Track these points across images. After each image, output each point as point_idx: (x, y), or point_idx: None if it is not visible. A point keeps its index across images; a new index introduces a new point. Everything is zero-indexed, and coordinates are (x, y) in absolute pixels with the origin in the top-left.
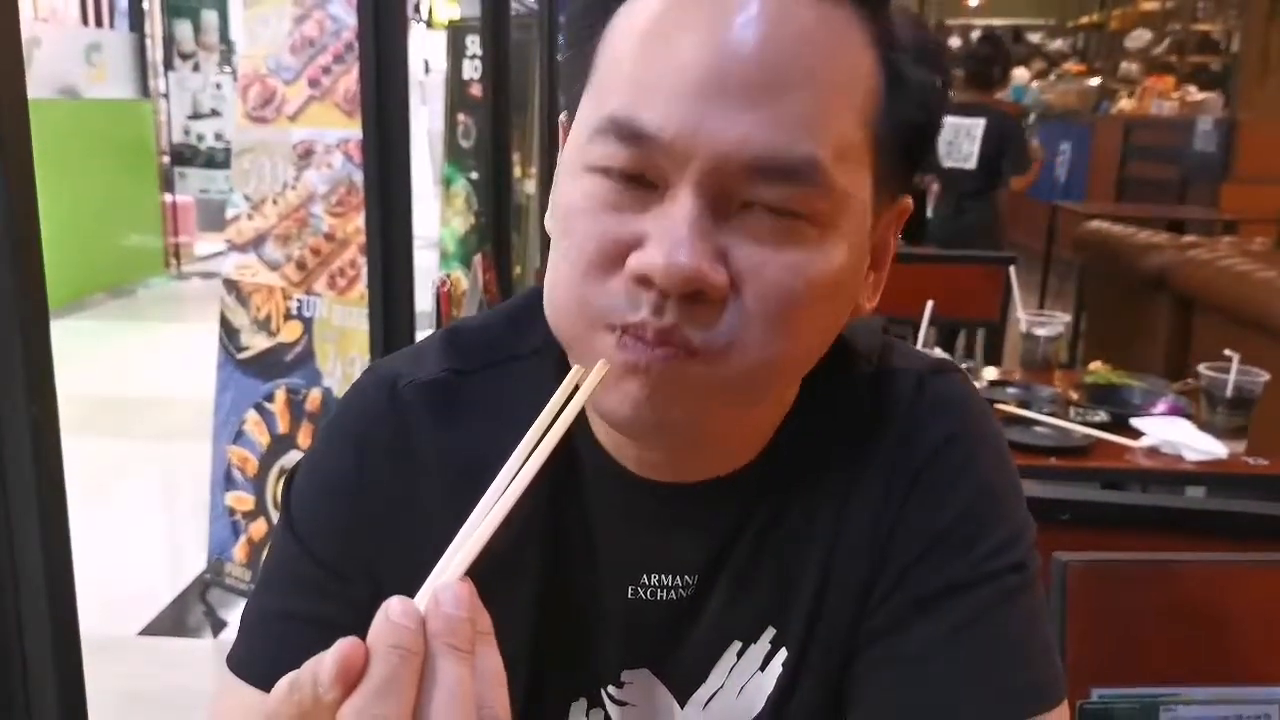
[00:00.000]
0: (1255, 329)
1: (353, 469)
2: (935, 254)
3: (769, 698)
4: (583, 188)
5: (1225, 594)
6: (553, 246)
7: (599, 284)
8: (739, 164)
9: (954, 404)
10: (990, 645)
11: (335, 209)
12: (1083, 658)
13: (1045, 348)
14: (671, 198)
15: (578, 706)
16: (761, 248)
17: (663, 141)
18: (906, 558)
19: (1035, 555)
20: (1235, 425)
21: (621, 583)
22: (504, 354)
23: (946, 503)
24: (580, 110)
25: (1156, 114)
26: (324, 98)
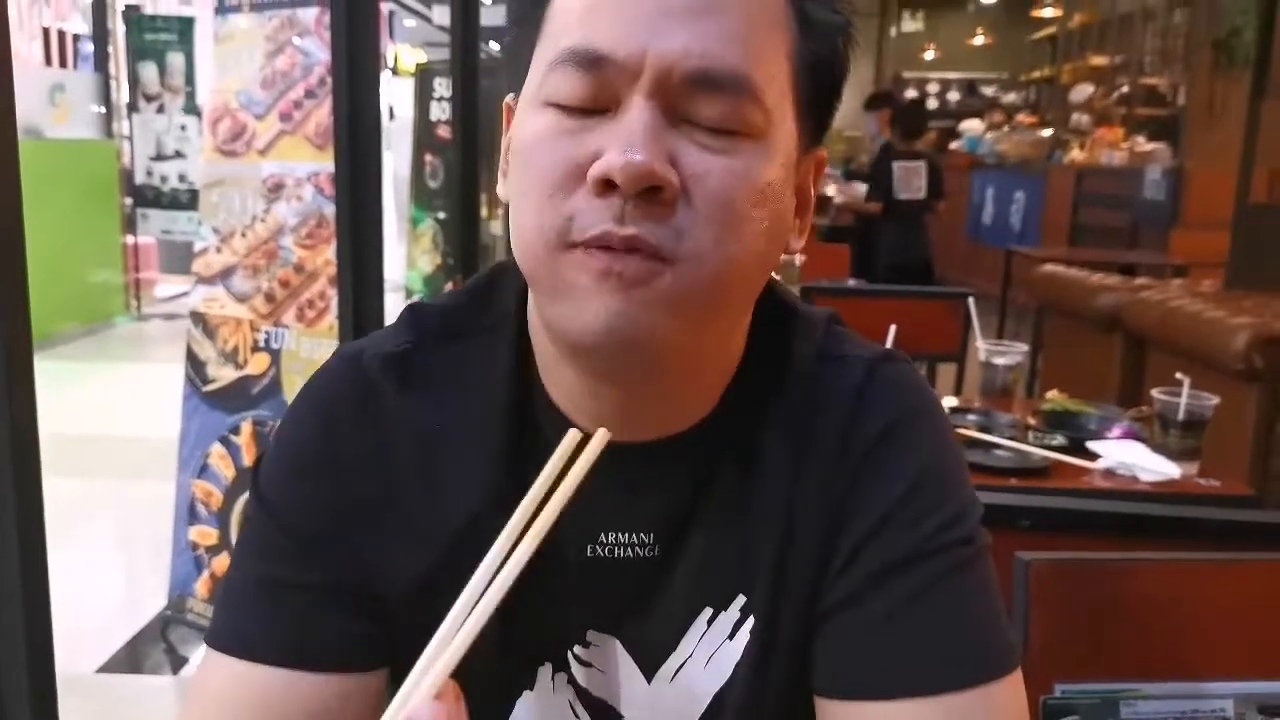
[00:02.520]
0: (1205, 366)
1: (320, 438)
2: (897, 289)
3: (737, 667)
4: (542, 120)
5: (1182, 592)
6: (512, 189)
7: (561, 205)
8: (681, 75)
9: (902, 389)
10: (942, 616)
11: (305, 241)
12: (1045, 654)
13: (1004, 376)
14: (624, 110)
15: (544, 670)
16: (705, 154)
17: (616, 60)
18: (859, 534)
19: (983, 531)
20: (1188, 447)
21: (581, 541)
22: (463, 328)
23: (896, 481)
24: (533, 65)
25: (1107, 163)
26: (295, 131)
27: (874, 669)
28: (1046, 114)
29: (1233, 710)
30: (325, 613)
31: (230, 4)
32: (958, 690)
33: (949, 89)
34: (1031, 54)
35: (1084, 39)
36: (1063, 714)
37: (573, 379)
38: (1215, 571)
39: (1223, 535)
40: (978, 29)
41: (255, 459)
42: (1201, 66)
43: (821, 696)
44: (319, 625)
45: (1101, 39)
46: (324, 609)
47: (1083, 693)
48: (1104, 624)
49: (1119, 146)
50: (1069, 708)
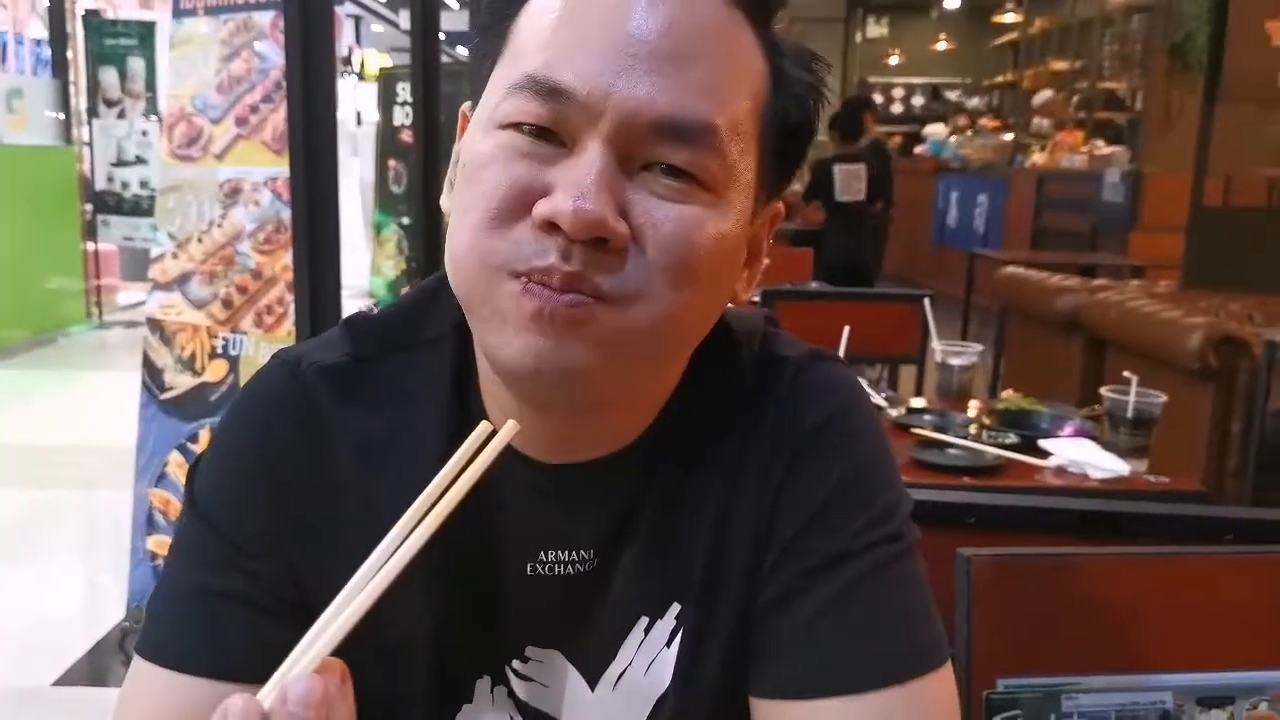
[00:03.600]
0: (1162, 365)
1: (258, 445)
2: (856, 291)
3: (674, 673)
4: (495, 142)
5: (1122, 586)
6: (455, 204)
7: (504, 232)
8: (645, 122)
9: (832, 388)
10: (870, 613)
11: (263, 246)
12: (988, 649)
13: (959, 377)
14: (581, 151)
15: (482, 684)
16: (660, 203)
17: (578, 97)
18: (790, 532)
19: (912, 527)
20: (1137, 445)
21: (521, 560)
22: (403, 341)
23: (826, 479)
24: (492, 83)
25: (1068, 167)
26: (251, 136)
27: (803, 668)
28: (1009, 118)
29: (1172, 702)
30: (259, 624)
31: (185, 7)
32: (886, 687)
33: (913, 94)
34: (994, 59)
35: (1045, 44)
36: (1005, 708)
37: (510, 398)
38: (1155, 565)
39: (1164, 530)
40: (941, 35)
41: (190, 465)
42: (1158, 72)
43: (755, 697)
44: (252, 636)
45: (1062, 44)
46: (258, 620)
47: (1025, 687)
48: (1045, 619)
49: (1079, 150)
50: (1011, 702)
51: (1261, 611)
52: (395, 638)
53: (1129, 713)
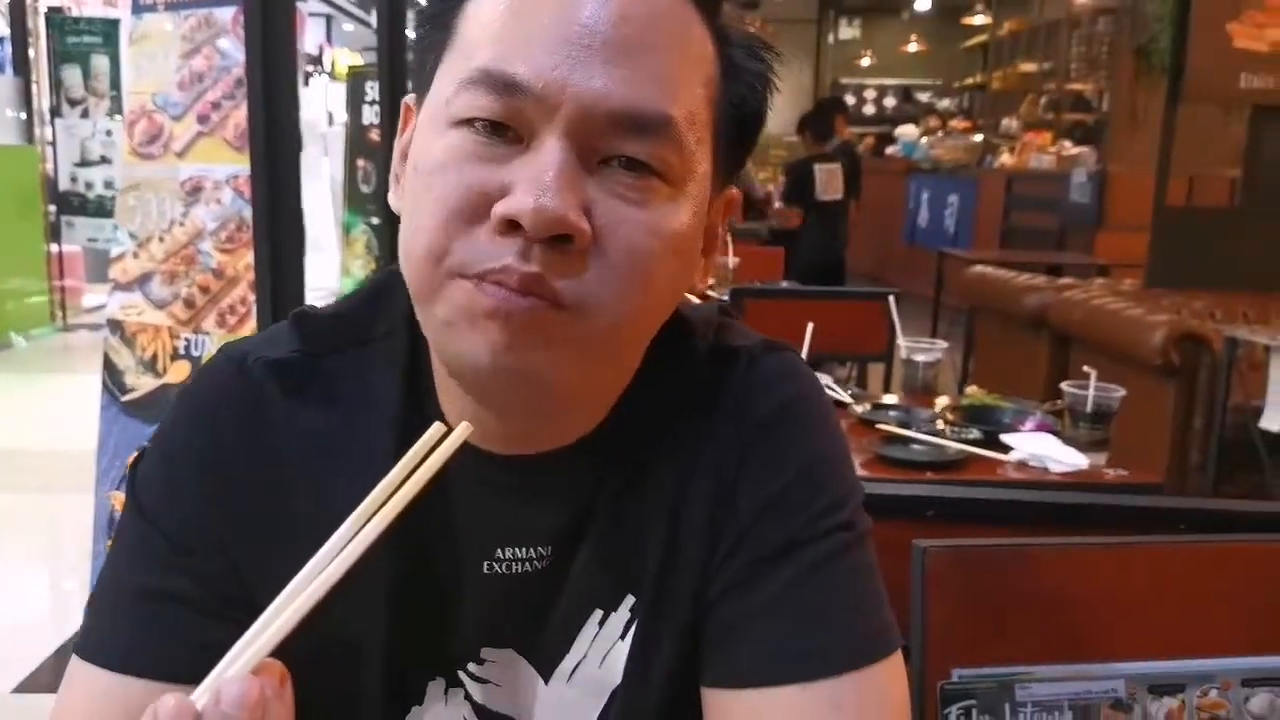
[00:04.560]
0: (1125, 362)
1: (202, 441)
2: (824, 290)
3: (628, 664)
4: (448, 142)
5: (1076, 576)
6: (408, 205)
7: (461, 235)
8: (603, 114)
9: (786, 378)
10: (821, 601)
11: (225, 245)
12: (943, 640)
13: (925, 373)
14: (538, 147)
15: (435, 686)
16: (621, 204)
17: (533, 91)
18: (743, 522)
19: (864, 516)
20: (1096, 439)
21: (478, 558)
22: (352, 338)
23: (779, 468)
24: (440, 77)
25: (1036, 167)
26: (213, 133)
27: (754, 657)
28: (979, 119)
29: (1124, 690)
30: (202, 624)
31: (145, 3)
32: (838, 674)
33: (885, 95)
34: (964, 61)
35: (1013, 46)
36: (960, 698)
37: (464, 396)
38: (1108, 555)
39: (1118, 521)
40: (912, 36)
41: (132, 461)
42: (1124, 73)
43: (707, 687)
44: (194, 637)
45: (1030, 46)
46: (200, 620)
47: (979, 677)
48: (1000, 609)
49: (1047, 151)
50: (966, 692)
51: (1212, 600)
52: (344, 638)
53: (1082, 701)
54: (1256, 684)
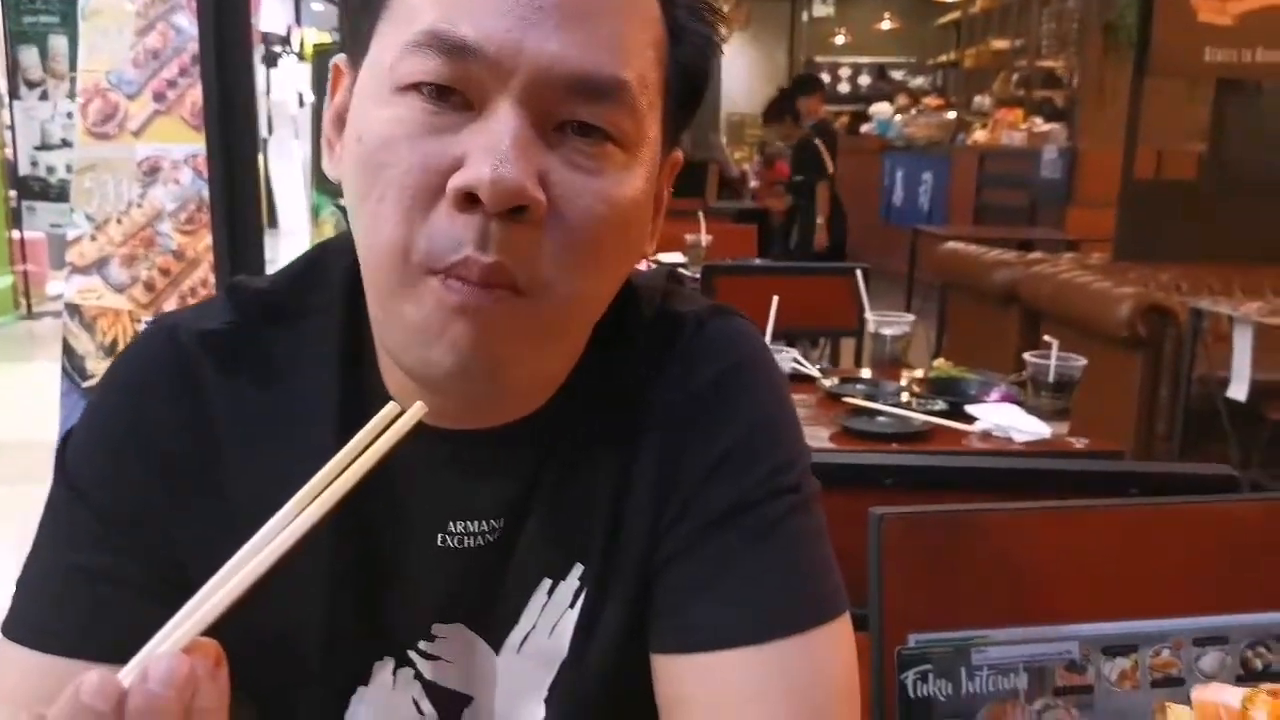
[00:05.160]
0: (1094, 335)
1: (132, 414)
2: (794, 266)
3: (576, 633)
4: (395, 113)
5: (1029, 540)
6: (361, 185)
7: (421, 220)
8: (558, 79)
9: (732, 341)
10: (769, 562)
11: (185, 226)
12: (899, 606)
13: (892, 346)
14: (491, 114)
15: (382, 666)
16: (576, 174)
17: (486, 55)
18: (690, 486)
19: (811, 480)
20: (1058, 408)
21: (429, 533)
22: (289, 311)
23: (725, 431)
24: (379, 40)
25: (1008, 144)
26: (170, 111)
27: (701, 621)
28: (951, 97)
29: (1078, 652)
30: (135, 603)
31: None
32: (783, 637)
33: (860, 73)
34: (937, 38)
35: (986, 24)
36: (916, 663)
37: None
38: (1060, 519)
39: (1073, 486)
40: (885, 14)
41: (62, 437)
42: (1093, 49)
43: (655, 653)
44: (125, 615)
45: (1002, 24)
46: (131, 598)
47: (935, 642)
48: (956, 574)
49: (1018, 128)
50: (923, 657)
51: (1163, 561)
52: (285, 619)
53: (1037, 663)
54: (1207, 643)
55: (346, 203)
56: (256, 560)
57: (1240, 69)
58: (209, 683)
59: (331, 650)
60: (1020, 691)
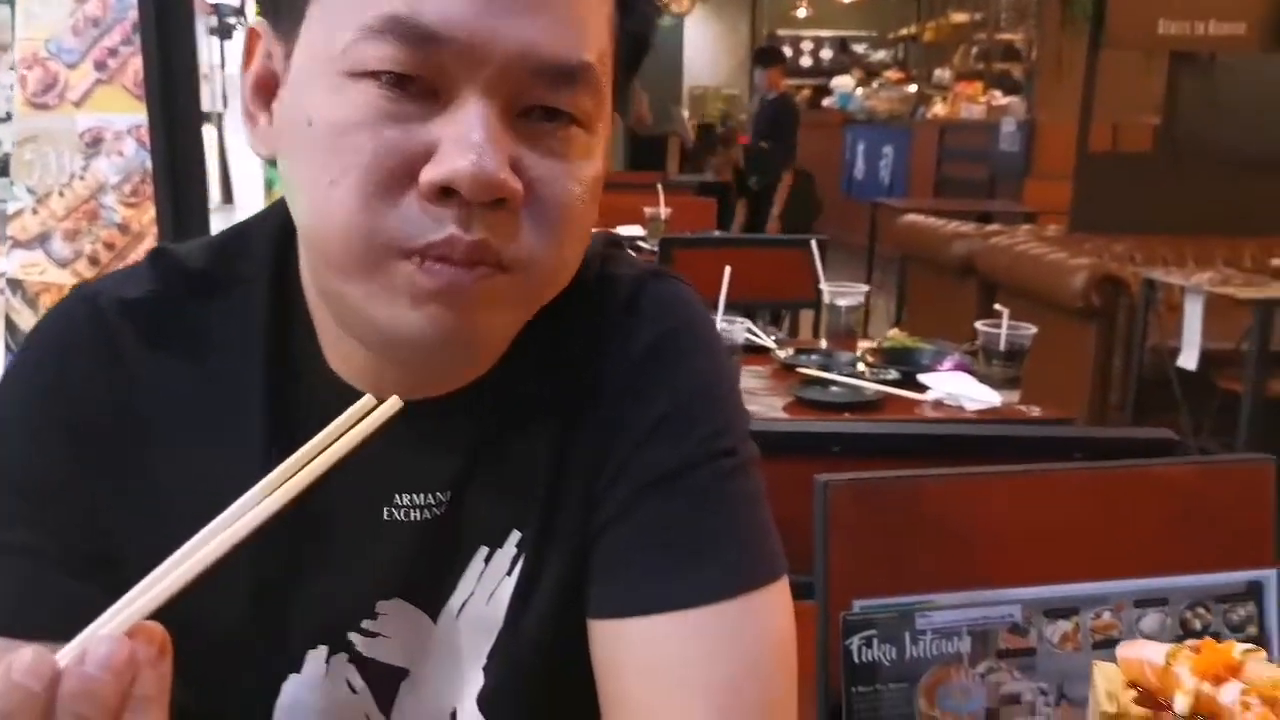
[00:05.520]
0: (1049, 305)
1: (51, 384)
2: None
3: (514, 600)
4: (349, 99)
5: (973, 505)
6: (311, 168)
7: (388, 206)
8: (530, 66)
9: (671, 304)
10: (705, 526)
11: (129, 199)
12: (844, 572)
13: (847, 317)
14: (461, 104)
15: (315, 654)
16: (546, 158)
17: (453, 43)
18: (627, 450)
19: (750, 445)
20: (1009, 376)
21: (375, 506)
22: (212, 282)
23: (662, 395)
24: (321, 15)
25: (967, 117)
26: (112, 81)
27: (636, 585)
28: (912, 70)
29: (1021, 615)
30: (57, 579)
31: None
32: (717, 601)
33: (821, 47)
34: (898, 11)
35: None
36: (861, 629)
37: (356, 348)
38: (1003, 483)
39: (1017, 452)
40: None
41: None
42: (1050, 22)
43: (591, 619)
44: (49, 593)
45: None
46: (55, 575)
47: (880, 607)
48: (901, 540)
49: (977, 101)
50: (868, 622)
51: (1104, 524)
52: (219, 608)
53: (980, 627)
54: (1147, 605)
55: (287, 182)
56: (209, 548)
57: (1193, 41)
58: (149, 669)
59: (265, 640)
60: (964, 655)
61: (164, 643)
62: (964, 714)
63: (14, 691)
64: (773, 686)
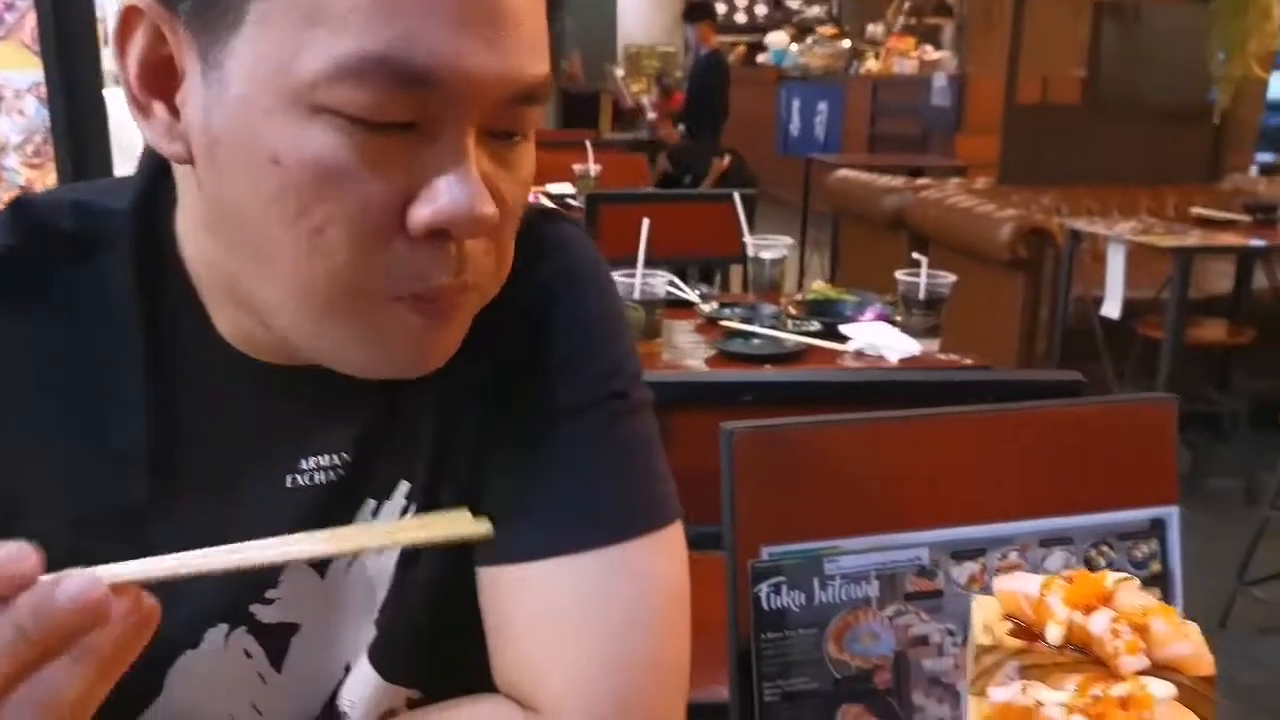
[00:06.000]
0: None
1: None
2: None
3: (400, 551)
4: (324, 137)
5: (879, 450)
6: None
7: (378, 251)
8: (509, 94)
9: (560, 245)
10: (593, 470)
11: (32, 160)
12: (752, 520)
13: (771, 270)
14: (447, 140)
15: (215, 631)
16: (507, 174)
17: (446, 84)
18: (516, 391)
19: (643, 389)
20: (929, 325)
21: (281, 473)
22: (76, 242)
23: (549, 337)
24: (268, 26)
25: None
26: (9, 36)
27: (522, 530)
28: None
29: (928, 557)
30: None
31: None
32: (605, 545)
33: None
34: None
35: None
36: (770, 575)
37: (256, 323)
38: (908, 427)
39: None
40: None
41: None
42: None
43: (479, 566)
44: None
45: None
46: None
47: (788, 554)
48: (808, 487)
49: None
50: (775, 569)
51: (1010, 466)
52: None
53: (888, 570)
54: (1053, 544)
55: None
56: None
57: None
58: (112, 624)
59: (164, 623)
60: (872, 599)
61: (149, 614)
62: (873, 657)
63: None
64: (659, 634)
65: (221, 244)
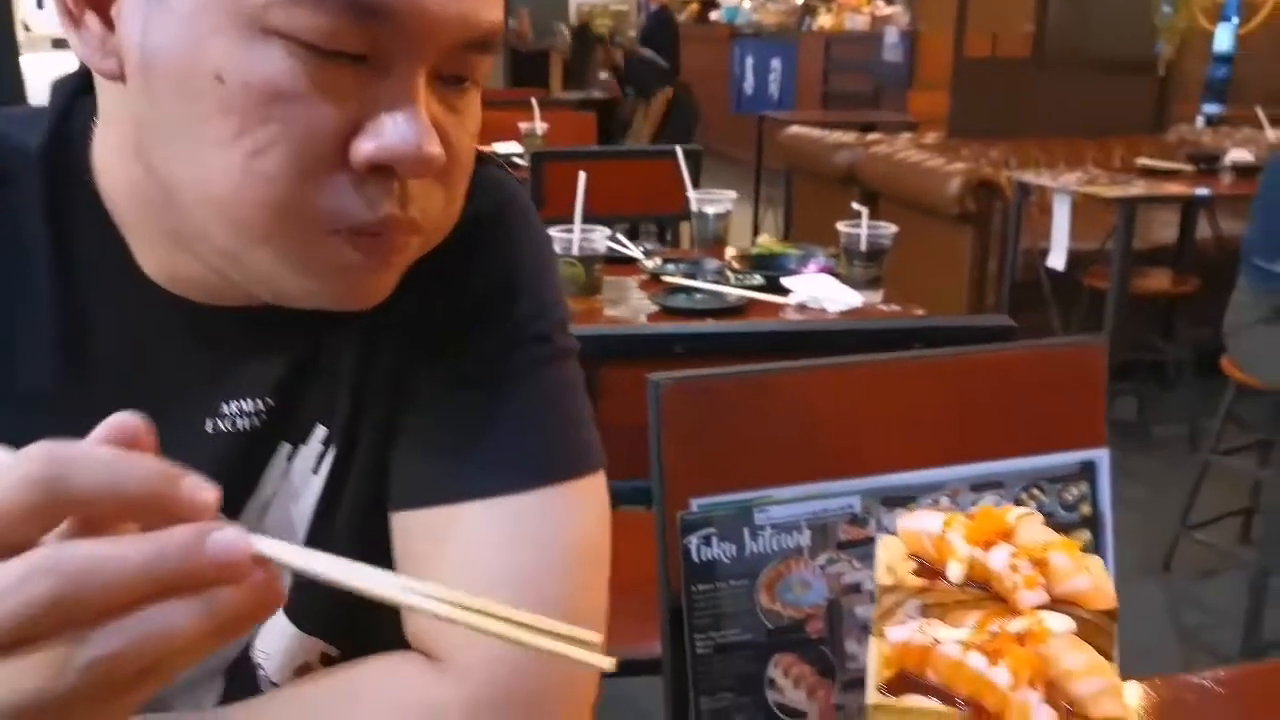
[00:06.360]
0: (927, 212)
1: None
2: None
3: (321, 497)
4: (271, 59)
5: (808, 398)
6: (224, 129)
7: (319, 180)
8: (464, 37)
9: (485, 189)
10: (511, 414)
11: None
12: (680, 472)
13: (715, 225)
14: (397, 77)
15: None
16: (453, 117)
17: (401, 18)
18: (437, 335)
19: (567, 337)
20: (871, 276)
21: (200, 417)
22: None
23: (471, 281)
24: None
25: (852, 29)
26: None
27: (436, 474)
28: None
29: (860, 505)
30: None
31: None
32: (521, 491)
33: None
34: None
35: None
36: (700, 527)
37: (182, 253)
38: (837, 375)
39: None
40: None
41: None
42: None
43: (393, 510)
44: None
45: None
46: None
47: (718, 505)
48: (736, 437)
49: (861, 10)
50: (705, 520)
51: (937, 412)
52: None
53: (819, 520)
54: (984, 489)
55: (165, 126)
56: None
57: None
58: (242, 589)
59: None
60: (804, 549)
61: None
62: (805, 606)
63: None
64: (574, 582)
65: (149, 168)
